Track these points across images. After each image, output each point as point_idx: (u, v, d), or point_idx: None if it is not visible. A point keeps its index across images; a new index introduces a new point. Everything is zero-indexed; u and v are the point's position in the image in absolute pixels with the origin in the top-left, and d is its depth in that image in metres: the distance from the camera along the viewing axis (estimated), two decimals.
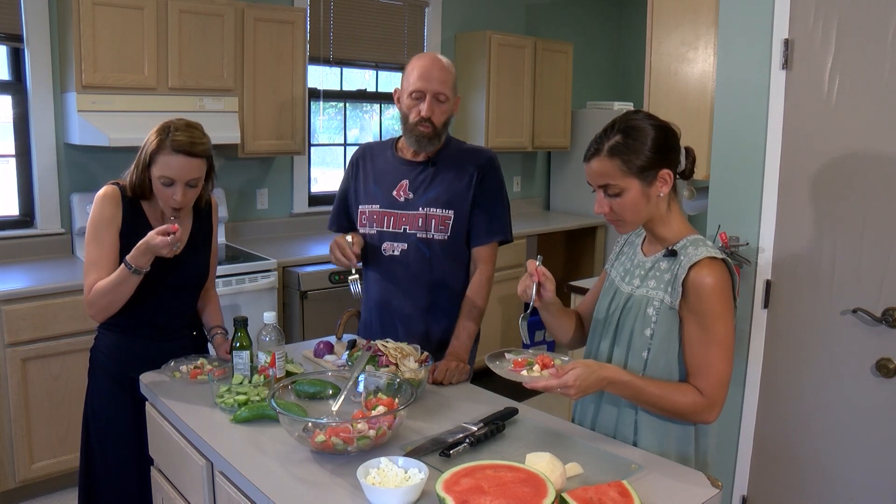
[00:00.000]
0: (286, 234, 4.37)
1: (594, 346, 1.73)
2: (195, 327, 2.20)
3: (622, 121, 1.56)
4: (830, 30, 2.13)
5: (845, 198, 2.15)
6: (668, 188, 1.56)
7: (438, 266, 2.16)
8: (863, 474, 2.17)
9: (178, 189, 1.91)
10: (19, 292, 2.92)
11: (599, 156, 1.54)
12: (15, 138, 3.43)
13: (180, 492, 1.81)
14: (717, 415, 1.54)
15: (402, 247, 2.16)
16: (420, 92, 2.08)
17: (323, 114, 4.64)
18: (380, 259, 2.20)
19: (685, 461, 1.59)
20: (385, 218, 2.18)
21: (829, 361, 2.21)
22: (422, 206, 2.15)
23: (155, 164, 1.91)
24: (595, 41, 5.92)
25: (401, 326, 2.19)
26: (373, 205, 2.20)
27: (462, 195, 2.15)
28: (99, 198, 1.98)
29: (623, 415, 1.64)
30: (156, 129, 1.94)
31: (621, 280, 1.69)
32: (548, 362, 1.61)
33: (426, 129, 2.09)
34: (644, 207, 1.56)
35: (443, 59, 2.14)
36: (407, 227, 2.16)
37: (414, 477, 1.36)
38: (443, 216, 2.14)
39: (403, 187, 2.17)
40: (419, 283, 2.17)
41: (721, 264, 1.51)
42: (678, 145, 1.59)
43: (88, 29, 3.18)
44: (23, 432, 2.97)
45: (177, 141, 1.88)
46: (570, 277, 4.88)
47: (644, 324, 1.58)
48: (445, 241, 2.16)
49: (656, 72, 2.86)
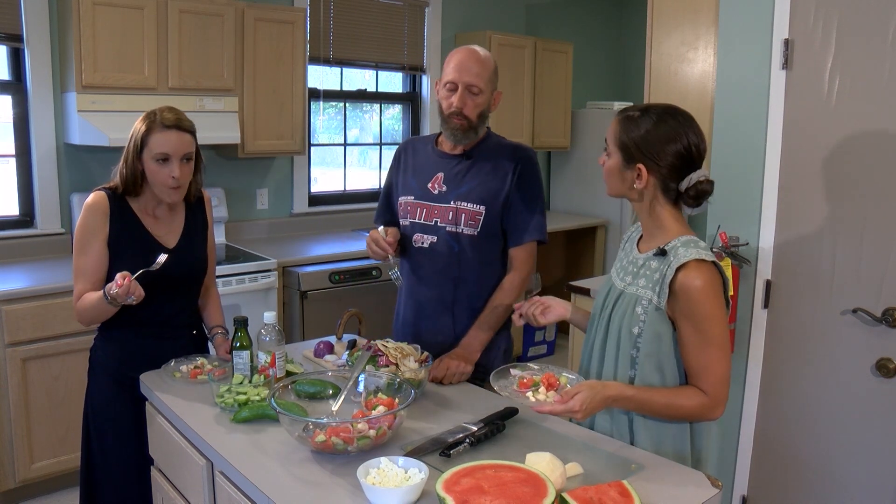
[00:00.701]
0: (286, 234, 4.37)
1: (589, 341, 1.74)
2: (195, 326, 2.20)
3: (656, 105, 1.60)
4: (830, 30, 2.13)
5: (845, 198, 2.15)
6: (642, 185, 1.56)
7: (466, 261, 2.13)
8: (863, 474, 2.17)
9: (175, 164, 1.95)
10: (19, 292, 2.92)
11: (618, 117, 1.61)
12: (15, 138, 3.43)
13: (180, 492, 1.82)
14: (722, 411, 1.56)
15: (432, 239, 2.15)
16: (453, 83, 2.06)
17: (323, 114, 4.64)
18: (411, 250, 2.19)
19: (681, 459, 1.59)
20: (418, 209, 2.17)
21: (829, 361, 2.21)
22: (454, 199, 2.12)
23: (148, 146, 1.94)
24: (595, 41, 5.92)
25: (425, 319, 2.18)
26: (409, 196, 2.20)
27: (496, 191, 2.11)
28: (86, 207, 2.00)
29: (617, 416, 1.64)
30: (140, 118, 1.98)
31: (617, 276, 1.71)
32: (553, 382, 1.61)
33: (459, 122, 2.07)
34: (617, 182, 1.61)
35: (481, 51, 2.10)
36: (438, 219, 2.14)
37: (414, 477, 1.36)
38: (473, 211, 2.11)
39: (439, 180, 2.16)
40: (446, 276, 2.14)
41: (710, 266, 1.51)
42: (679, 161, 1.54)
43: (88, 29, 3.18)
44: (23, 432, 2.97)
45: (166, 118, 1.95)
46: (570, 277, 4.88)
47: (632, 321, 1.59)
48: (475, 237, 2.12)
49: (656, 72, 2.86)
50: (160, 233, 2.06)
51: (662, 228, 1.60)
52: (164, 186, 1.97)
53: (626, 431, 1.63)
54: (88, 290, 1.97)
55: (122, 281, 1.79)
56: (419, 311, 2.20)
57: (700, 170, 1.56)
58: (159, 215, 2.07)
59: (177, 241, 2.08)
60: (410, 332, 2.21)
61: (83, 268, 1.99)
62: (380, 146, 4.90)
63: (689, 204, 1.58)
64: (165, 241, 2.06)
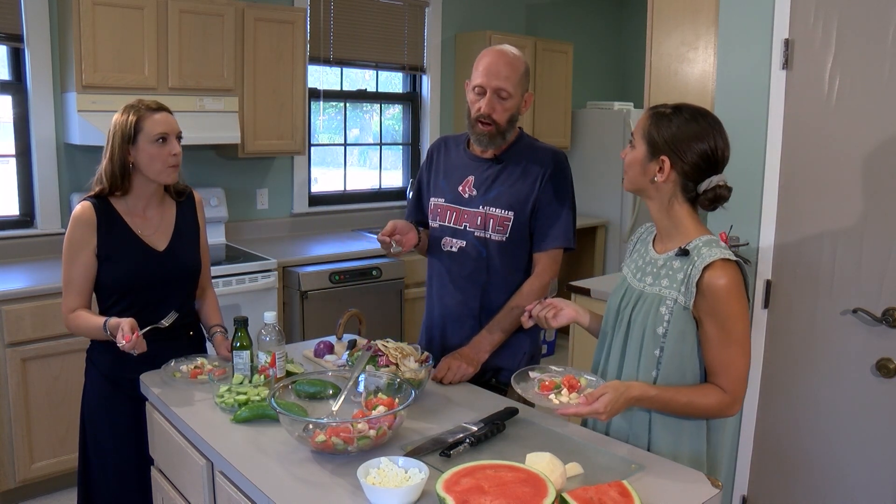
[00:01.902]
0: (286, 234, 4.37)
1: (606, 343, 1.74)
2: (192, 327, 2.20)
3: (689, 105, 1.62)
4: (830, 30, 2.13)
5: (845, 198, 2.15)
6: (663, 178, 1.57)
7: (494, 267, 2.10)
8: (863, 474, 2.17)
9: (173, 141, 2.01)
10: (19, 292, 2.92)
11: (649, 112, 1.62)
12: (15, 138, 3.43)
13: (180, 492, 1.82)
14: (739, 408, 1.58)
15: (461, 244, 2.12)
16: (481, 87, 2.01)
17: (323, 114, 4.64)
18: (440, 254, 2.17)
19: (698, 457, 1.60)
20: (448, 213, 2.14)
21: (829, 361, 2.21)
22: (482, 204, 2.09)
23: (143, 131, 1.97)
24: (595, 41, 5.92)
25: (451, 323, 2.16)
26: (440, 198, 2.17)
27: (525, 197, 2.07)
28: (73, 218, 2.02)
29: (637, 415, 1.64)
30: (119, 113, 2.01)
31: (633, 276, 1.70)
32: (574, 384, 1.62)
33: (486, 128, 2.02)
34: (638, 174, 1.61)
35: (511, 52, 2.03)
36: (467, 224, 2.11)
37: (414, 477, 1.36)
38: (502, 217, 2.08)
39: (469, 183, 2.12)
40: (474, 282, 2.12)
41: (734, 265, 1.53)
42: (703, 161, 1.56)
43: (88, 29, 3.18)
44: (23, 432, 2.97)
45: (150, 104, 2.02)
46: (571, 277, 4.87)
47: (656, 322, 1.59)
48: (503, 243, 2.09)
49: (656, 72, 2.86)
50: (149, 233, 2.06)
51: (680, 228, 1.61)
52: (164, 166, 2.00)
53: (644, 431, 1.63)
54: (78, 303, 2.02)
55: (130, 335, 1.82)
56: (445, 314, 2.18)
57: (721, 174, 1.58)
58: (148, 215, 2.08)
59: (167, 242, 2.08)
60: (438, 335, 2.19)
61: (71, 279, 2.02)
62: (380, 146, 4.90)
63: (705, 206, 1.60)
64: (155, 242, 2.06)
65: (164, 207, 2.11)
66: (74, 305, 2.01)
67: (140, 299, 2.03)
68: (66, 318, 2.03)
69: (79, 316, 2.00)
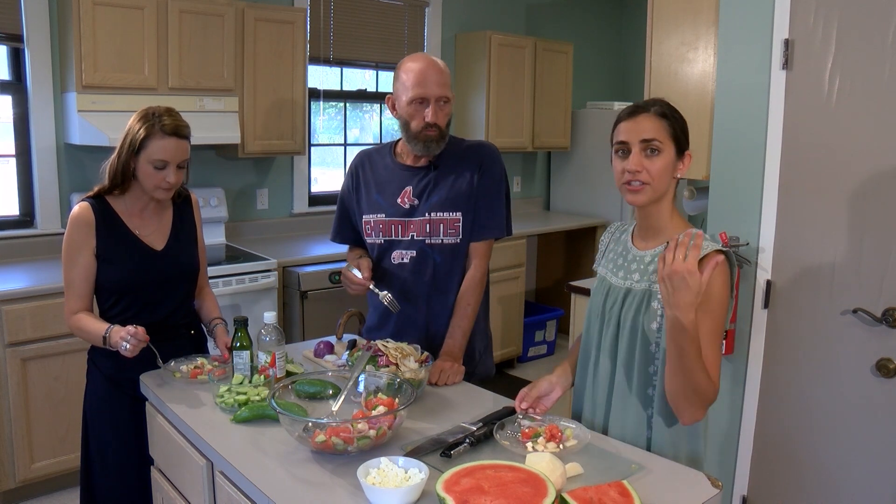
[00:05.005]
0: (286, 234, 4.37)
1: (593, 342, 1.72)
2: (192, 327, 2.20)
3: (658, 100, 1.62)
4: (830, 30, 2.13)
5: (845, 198, 2.15)
6: (684, 171, 1.61)
7: (449, 270, 2.14)
8: (863, 474, 2.17)
9: (171, 171, 1.98)
10: (19, 292, 2.92)
11: (648, 113, 1.58)
12: (15, 138, 3.43)
13: (180, 492, 1.82)
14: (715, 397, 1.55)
15: (412, 254, 2.14)
16: (423, 98, 2.04)
17: (323, 114, 4.64)
18: (391, 267, 2.18)
19: (696, 456, 1.60)
20: (392, 227, 2.16)
21: (829, 361, 2.21)
22: (427, 211, 2.12)
23: (146, 150, 1.95)
24: (595, 41, 5.92)
25: (407, 331, 2.16)
26: (378, 214, 2.17)
27: (466, 194, 2.13)
28: (72, 219, 2.02)
29: (636, 414, 1.63)
30: (137, 117, 1.98)
31: (613, 275, 1.70)
32: (556, 433, 1.56)
33: (434, 133, 2.07)
34: (667, 178, 1.59)
35: (437, 60, 2.10)
36: (414, 233, 2.14)
37: (414, 477, 1.36)
38: (451, 219, 2.12)
39: (408, 194, 2.15)
40: (429, 288, 2.15)
41: (724, 258, 1.54)
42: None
43: (88, 29, 3.18)
44: (23, 432, 2.97)
45: (166, 125, 1.95)
46: (570, 277, 4.88)
47: (649, 317, 1.58)
48: (458, 244, 2.13)
49: (656, 72, 2.86)
50: (147, 233, 2.07)
51: (670, 223, 1.63)
52: (155, 188, 2.00)
53: (644, 431, 1.62)
54: (80, 305, 2.02)
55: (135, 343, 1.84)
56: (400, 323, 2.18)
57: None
58: (146, 216, 2.08)
59: (165, 242, 2.09)
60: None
61: (72, 281, 2.02)
62: None
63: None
64: (153, 242, 2.07)
65: (162, 208, 2.12)
66: (76, 308, 2.02)
67: (139, 299, 2.04)
68: (68, 321, 2.04)
69: (80, 319, 2.00)
